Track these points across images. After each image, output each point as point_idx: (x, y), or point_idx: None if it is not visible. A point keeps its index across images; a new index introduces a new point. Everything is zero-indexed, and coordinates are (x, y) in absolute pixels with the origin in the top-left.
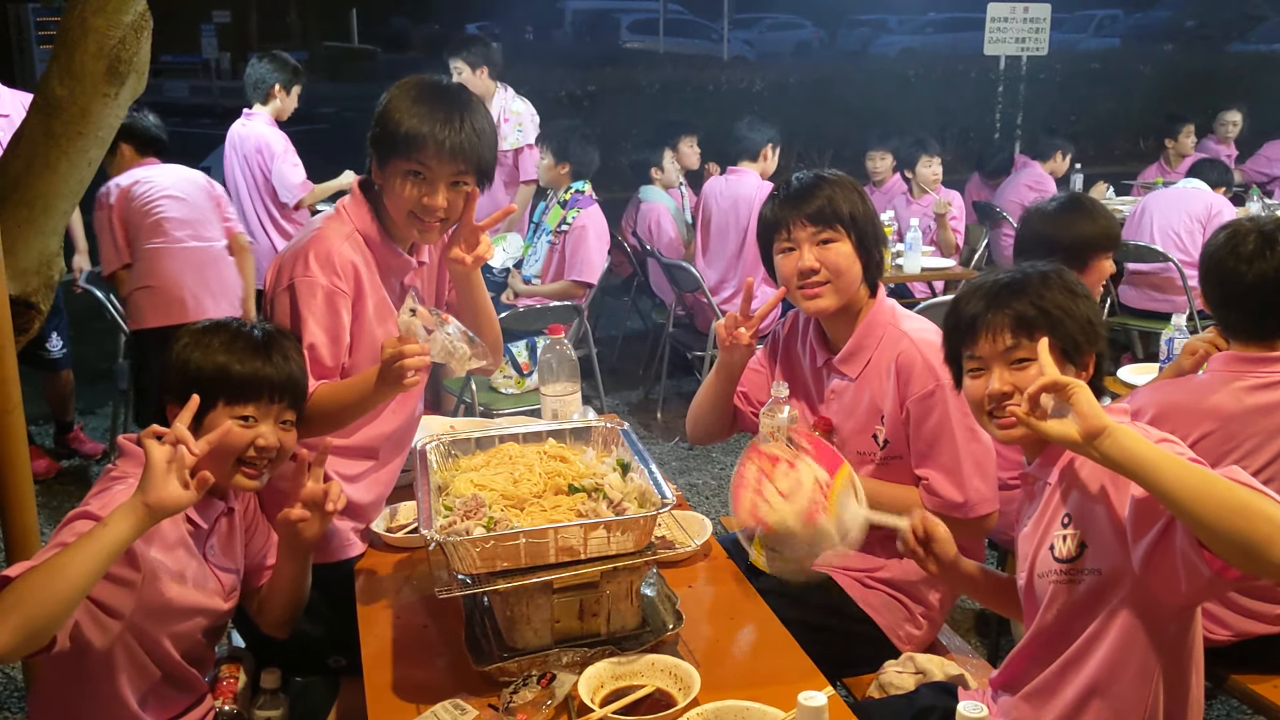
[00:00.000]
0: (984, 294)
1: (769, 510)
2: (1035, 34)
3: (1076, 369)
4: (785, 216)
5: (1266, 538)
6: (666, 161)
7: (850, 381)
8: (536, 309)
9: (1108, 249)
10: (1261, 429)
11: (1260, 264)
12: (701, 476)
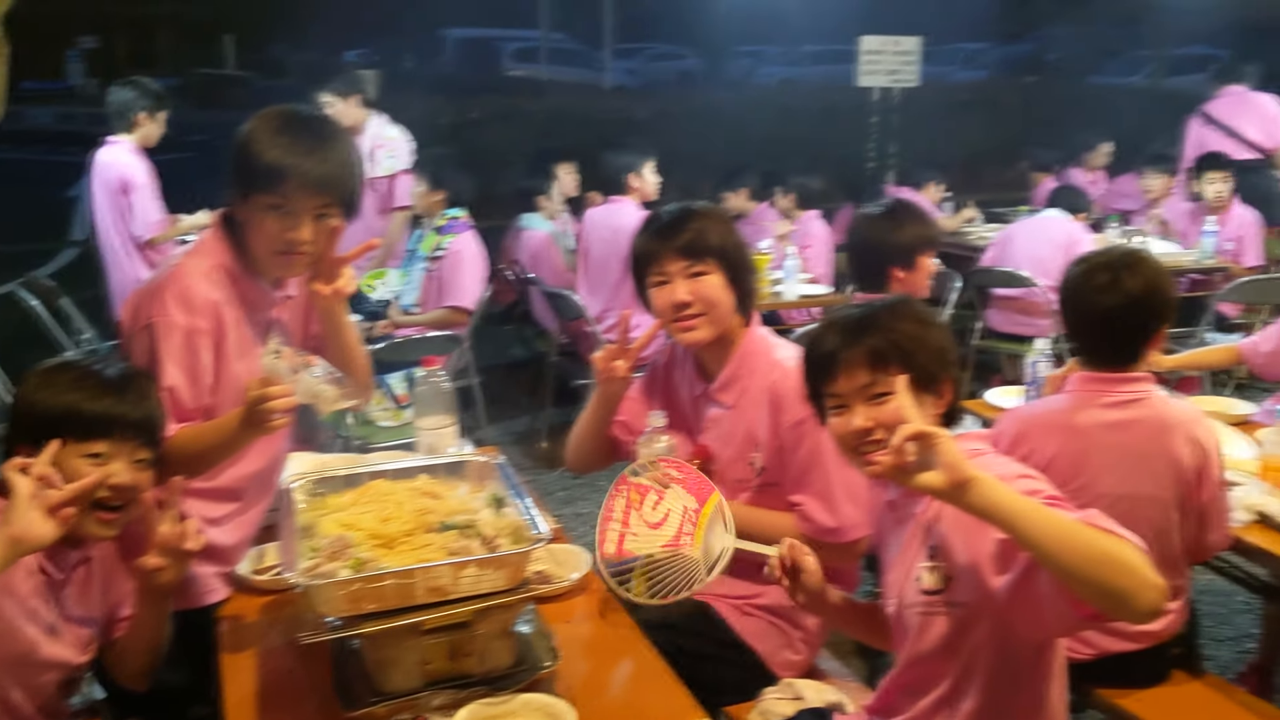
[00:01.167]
0: (837, 330)
1: (635, 542)
2: (906, 66)
3: (933, 397)
4: (656, 250)
5: (1129, 588)
6: (554, 189)
7: (727, 410)
8: (415, 339)
9: (933, 247)
10: (1114, 445)
11: (1113, 294)
12: (587, 506)
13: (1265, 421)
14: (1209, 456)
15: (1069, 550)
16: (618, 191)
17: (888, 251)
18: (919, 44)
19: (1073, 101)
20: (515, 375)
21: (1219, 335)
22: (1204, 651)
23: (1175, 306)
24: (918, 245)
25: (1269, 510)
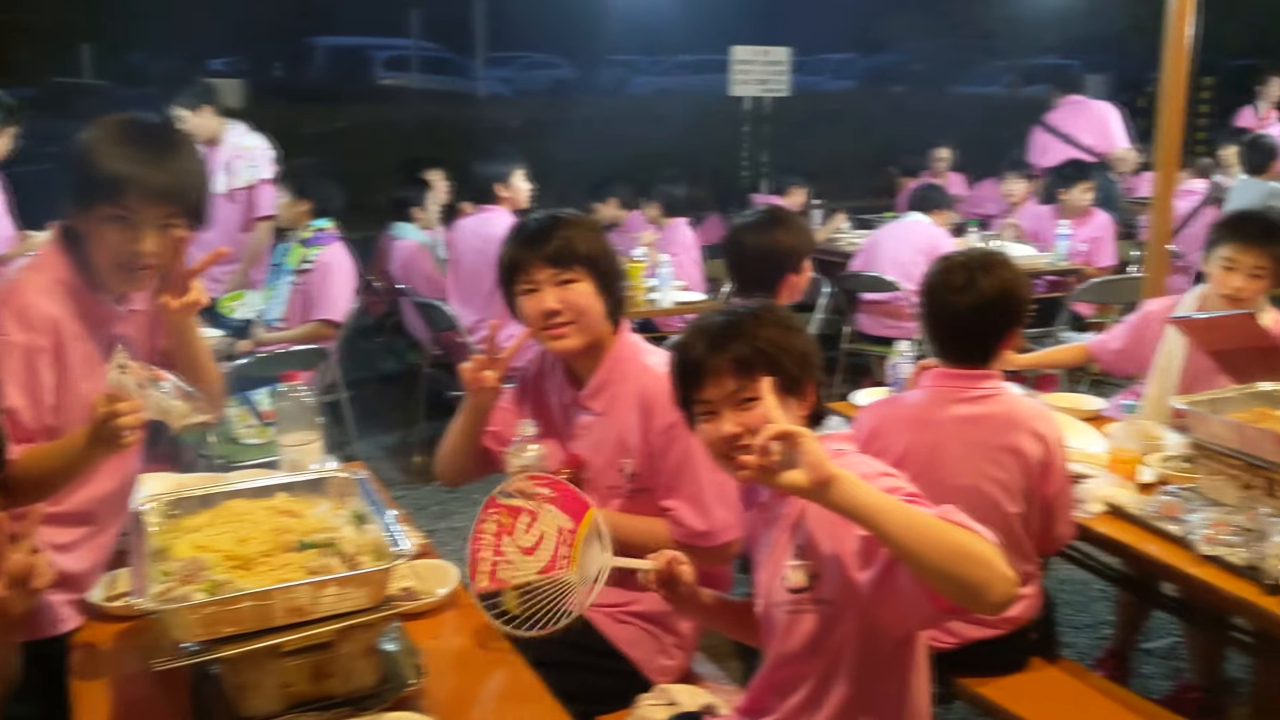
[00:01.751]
0: (703, 338)
1: (510, 570)
2: (777, 76)
3: (797, 400)
4: (524, 258)
5: (983, 581)
6: (429, 199)
7: (598, 417)
8: (281, 354)
9: (811, 253)
10: (965, 439)
11: (969, 294)
12: (463, 520)
13: (1116, 416)
14: (1053, 451)
15: (925, 545)
16: (489, 200)
17: (781, 258)
18: (788, 54)
19: (935, 110)
20: (388, 388)
21: (1074, 334)
22: (1064, 639)
23: (1028, 307)
24: (805, 250)
25: (1119, 501)
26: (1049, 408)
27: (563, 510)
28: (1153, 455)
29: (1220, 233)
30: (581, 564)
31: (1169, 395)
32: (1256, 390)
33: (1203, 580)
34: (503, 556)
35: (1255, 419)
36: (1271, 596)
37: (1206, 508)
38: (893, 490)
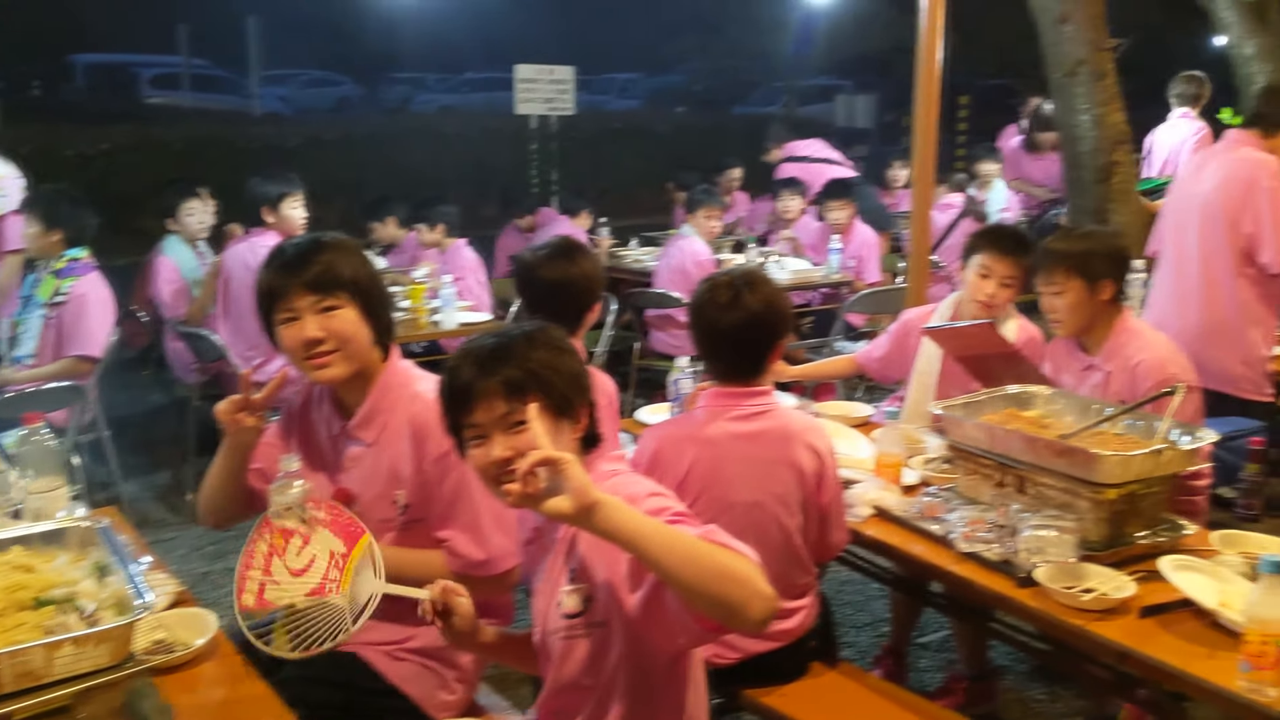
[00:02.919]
0: (473, 361)
1: (277, 591)
2: (562, 95)
3: (570, 423)
4: (283, 285)
5: (742, 600)
6: (183, 214)
7: (368, 447)
8: (32, 393)
9: (604, 282)
10: (743, 455)
11: (734, 312)
12: (238, 558)
13: (882, 422)
14: (825, 462)
15: (685, 567)
16: (260, 224)
17: (578, 292)
18: (573, 73)
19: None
20: (156, 424)
21: (849, 344)
22: (846, 639)
23: (792, 321)
24: (600, 281)
25: (885, 504)
26: (818, 418)
27: (336, 534)
28: (916, 458)
29: (977, 242)
30: (353, 589)
31: (928, 400)
32: (1006, 393)
33: (962, 576)
34: (271, 577)
35: (1004, 420)
36: (1024, 589)
37: (964, 507)
38: (660, 510)
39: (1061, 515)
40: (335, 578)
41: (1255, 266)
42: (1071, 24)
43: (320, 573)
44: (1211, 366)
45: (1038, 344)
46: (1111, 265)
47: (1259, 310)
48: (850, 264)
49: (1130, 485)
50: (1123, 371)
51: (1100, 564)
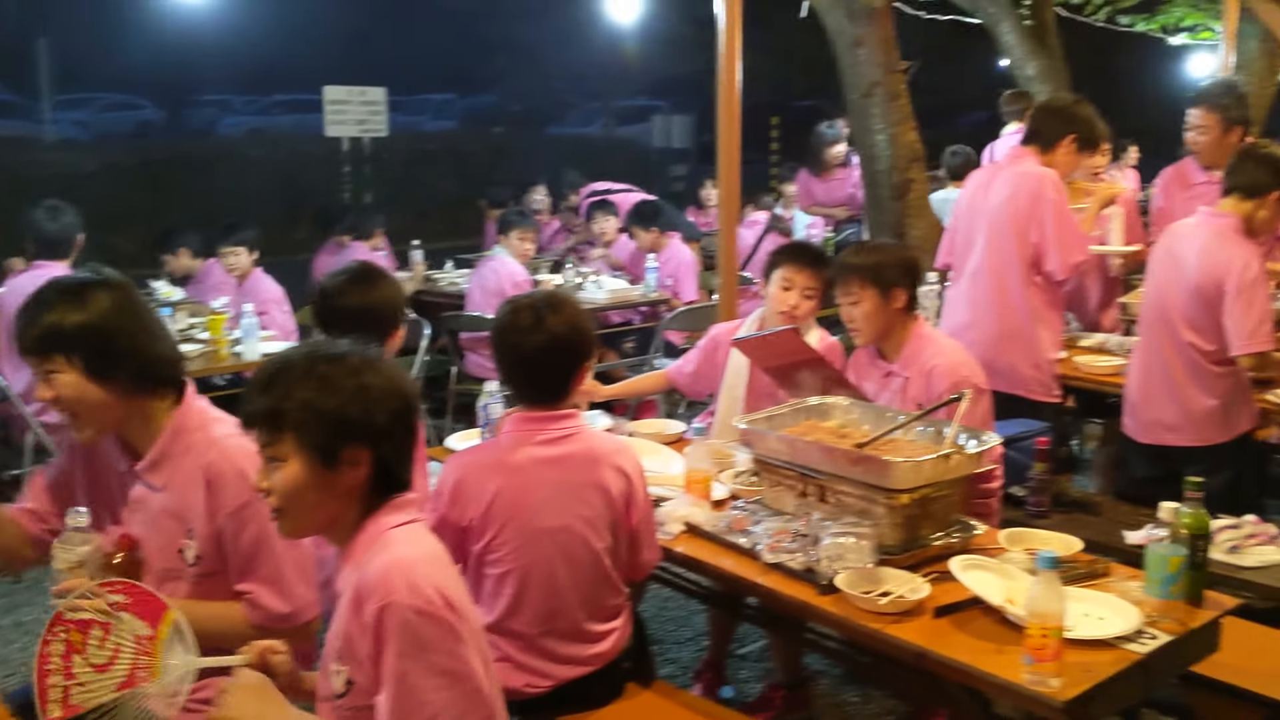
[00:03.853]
0: (254, 381)
1: (84, 693)
2: (374, 116)
3: (332, 469)
4: (18, 346)
5: None
6: None
7: (156, 492)
8: None
9: (404, 307)
10: (550, 480)
11: (536, 336)
12: (32, 612)
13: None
14: (634, 483)
15: None
16: (45, 256)
17: (378, 319)
18: (385, 94)
19: (535, 150)
20: None
21: (668, 360)
22: (667, 655)
23: (596, 343)
24: (401, 304)
25: (695, 520)
26: (631, 437)
27: (139, 615)
28: (725, 472)
29: (779, 257)
30: (164, 671)
31: (737, 413)
32: (806, 405)
33: (768, 587)
34: (74, 679)
35: (805, 432)
36: (825, 596)
37: (770, 518)
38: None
39: (860, 522)
40: (145, 664)
41: (1042, 275)
42: (865, 47)
43: (128, 663)
44: (1004, 370)
45: (838, 353)
46: (902, 275)
47: (1047, 316)
48: (667, 282)
49: (922, 490)
50: (919, 376)
51: (897, 567)
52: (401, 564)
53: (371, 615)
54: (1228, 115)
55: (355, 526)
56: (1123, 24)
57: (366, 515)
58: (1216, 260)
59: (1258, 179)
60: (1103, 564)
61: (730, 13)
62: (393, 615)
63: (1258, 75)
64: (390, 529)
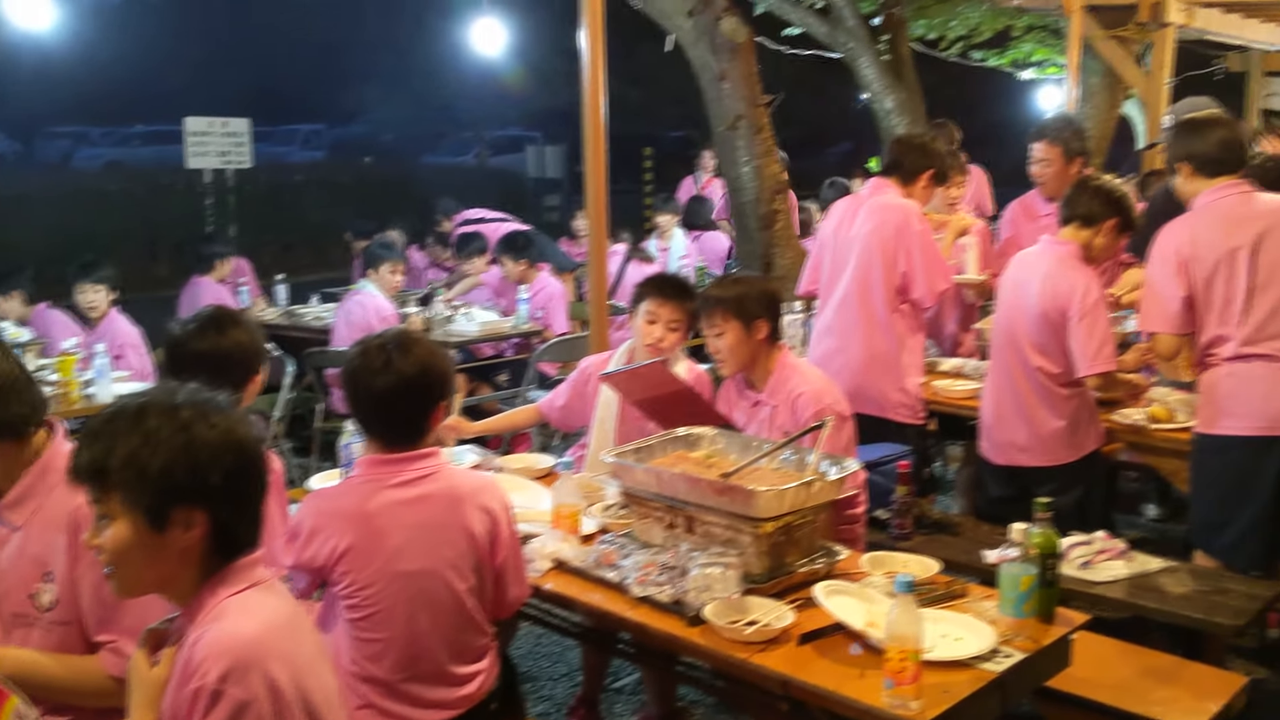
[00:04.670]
0: (87, 429)
1: None
2: (237, 148)
3: (161, 531)
4: None
5: None
6: None
7: (15, 530)
8: None
9: (262, 349)
10: (410, 523)
11: (386, 377)
12: None
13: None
14: (499, 521)
15: None
16: None
17: (237, 364)
18: (248, 125)
19: (407, 180)
20: None
21: (541, 392)
22: (542, 692)
23: (451, 381)
24: (261, 347)
25: (563, 555)
26: (501, 473)
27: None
28: (596, 506)
29: (643, 290)
30: None
31: (607, 446)
32: (675, 436)
33: (638, 621)
34: None
35: (673, 463)
36: (694, 627)
37: (639, 551)
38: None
39: (727, 551)
40: None
41: (908, 302)
42: (729, 82)
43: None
44: (872, 395)
45: (707, 384)
46: (764, 306)
47: (911, 342)
48: (538, 314)
49: (786, 517)
50: (785, 405)
51: (763, 595)
52: (230, 644)
53: (191, 694)
54: (1068, 148)
55: (193, 588)
56: (975, 59)
57: (205, 578)
58: (1059, 287)
59: (1093, 208)
60: (960, 585)
61: (594, 46)
62: (211, 700)
63: (1100, 108)
64: (227, 598)
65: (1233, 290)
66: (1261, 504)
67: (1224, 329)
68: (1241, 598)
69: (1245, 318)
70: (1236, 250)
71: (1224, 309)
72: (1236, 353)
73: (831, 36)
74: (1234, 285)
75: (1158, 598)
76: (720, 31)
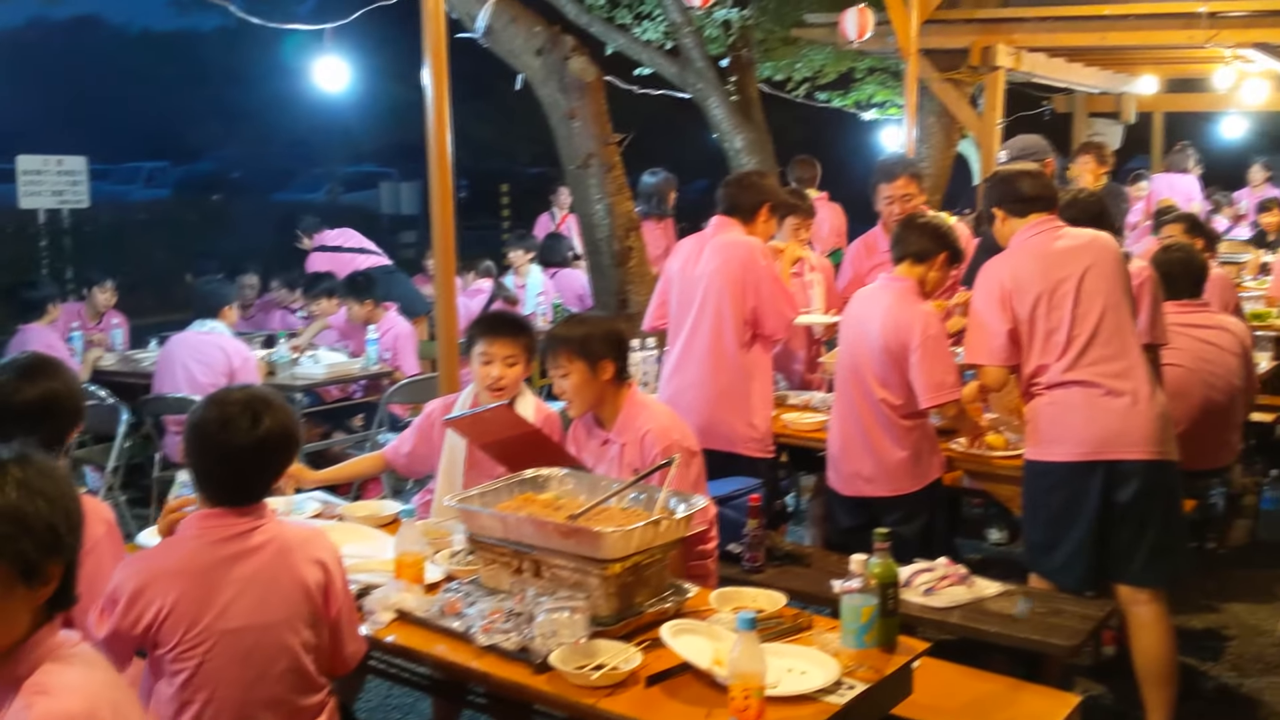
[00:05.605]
0: None
1: None
2: (73, 186)
3: (28, 589)
4: None
5: None
6: None
7: None
8: None
9: (82, 398)
10: (239, 578)
11: (243, 436)
12: None
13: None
14: (332, 573)
15: None
16: None
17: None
18: (85, 163)
19: (257, 218)
20: None
21: (393, 435)
22: None
23: (300, 442)
24: (81, 393)
25: (406, 606)
26: (337, 523)
27: None
28: (442, 553)
29: (473, 331)
30: None
31: (456, 491)
32: (522, 478)
33: (482, 671)
34: None
35: (519, 506)
36: (541, 674)
37: (486, 598)
38: None
39: (574, 595)
40: None
41: (758, 336)
42: (579, 120)
43: None
44: (723, 430)
45: (556, 424)
46: (609, 346)
47: (761, 376)
48: (386, 355)
49: (634, 557)
50: (634, 443)
51: (612, 638)
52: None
53: None
54: (921, 183)
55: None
56: (821, 100)
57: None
58: (900, 321)
59: (923, 245)
60: (806, 617)
61: (438, 83)
62: None
63: (937, 147)
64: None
65: (1054, 322)
66: (1085, 527)
67: (1045, 359)
68: (1075, 618)
69: (1066, 348)
70: (1058, 283)
71: (1046, 340)
72: (1057, 380)
73: (681, 77)
74: (1055, 317)
75: (997, 621)
76: (569, 70)
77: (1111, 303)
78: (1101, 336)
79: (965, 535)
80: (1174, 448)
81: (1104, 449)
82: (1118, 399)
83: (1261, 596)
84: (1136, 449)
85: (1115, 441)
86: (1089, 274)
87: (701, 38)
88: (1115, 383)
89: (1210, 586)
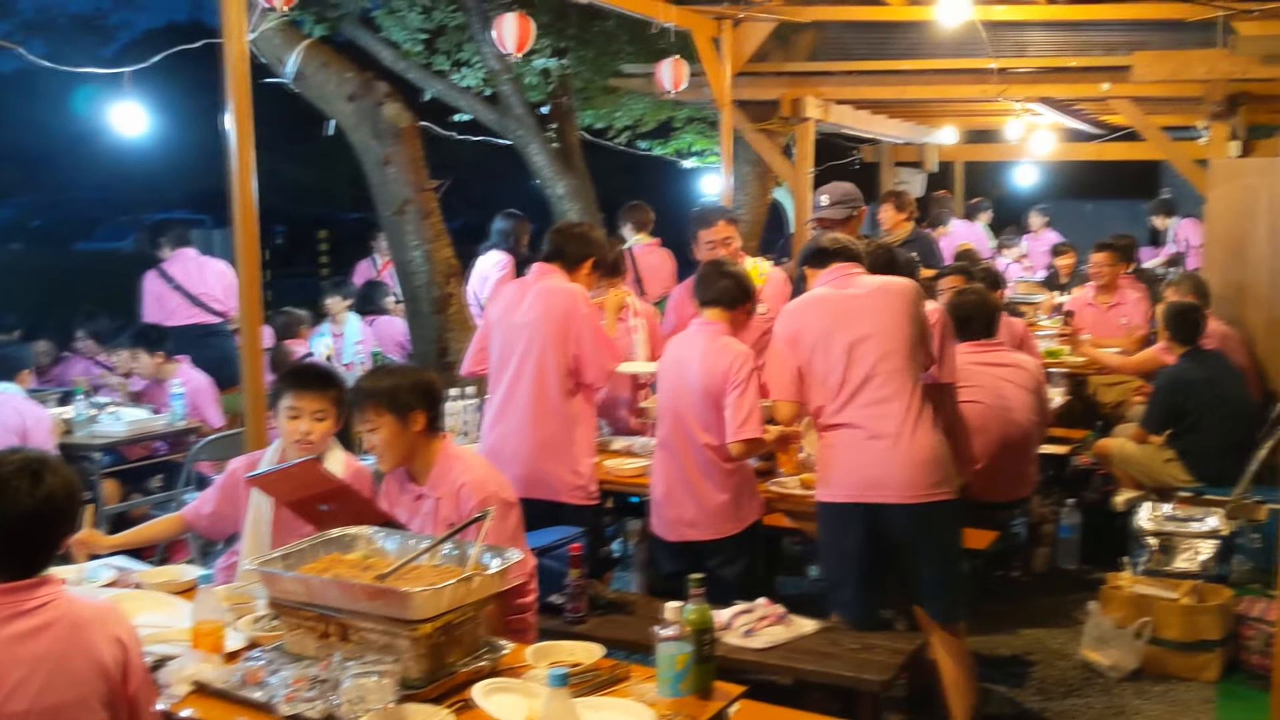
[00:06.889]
0: None
1: None
2: None
3: None
4: None
5: None
6: None
7: None
8: None
9: None
10: (27, 658)
11: (22, 502)
12: None
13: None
14: (129, 649)
15: None
16: None
17: None
18: None
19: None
20: None
21: (196, 494)
22: None
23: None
24: None
25: (204, 677)
26: (133, 590)
27: None
28: (245, 619)
29: (279, 386)
30: None
31: (261, 553)
32: (329, 538)
33: None
34: None
35: (325, 567)
36: None
37: (290, 665)
38: None
39: (383, 658)
40: None
41: (578, 385)
42: (394, 166)
43: None
44: (546, 479)
45: (367, 479)
46: (419, 397)
47: (584, 424)
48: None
49: (445, 616)
50: (449, 496)
51: (423, 700)
52: None
53: None
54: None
55: None
56: (642, 148)
57: None
58: (717, 364)
59: (728, 290)
60: (623, 668)
61: (241, 128)
62: None
63: (753, 195)
64: None
65: (829, 364)
66: (856, 566)
67: (822, 400)
68: (886, 653)
69: (839, 390)
70: (836, 329)
71: (823, 382)
72: (831, 422)
73: (501, 124)
74: (830, 360)
75: (813, 659)
76: (383, 116)
77: (891, 348)
78: (876, 380)
79: (786, 573)
80: (945, 486)
81: (864, 492)
82: (879, 441)
83: (1062, 621)
84: (894, 493)
85: (876, 485)
86: (869, 319)
87: (520, 85)
88: (879, 425)
89: (1014, 613)
